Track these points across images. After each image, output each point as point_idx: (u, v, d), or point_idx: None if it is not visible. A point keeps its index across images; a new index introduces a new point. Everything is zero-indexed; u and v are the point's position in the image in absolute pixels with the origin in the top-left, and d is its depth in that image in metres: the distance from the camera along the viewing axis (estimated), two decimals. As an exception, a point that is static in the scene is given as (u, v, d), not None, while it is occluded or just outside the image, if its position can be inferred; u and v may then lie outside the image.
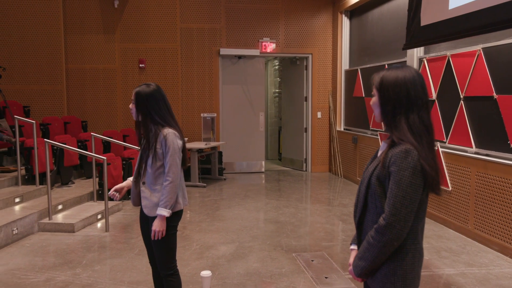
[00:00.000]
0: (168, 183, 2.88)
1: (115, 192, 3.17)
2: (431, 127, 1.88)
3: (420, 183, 1.80)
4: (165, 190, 2.89)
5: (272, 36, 9.92)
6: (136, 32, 9.43)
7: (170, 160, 2.89)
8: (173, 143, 2.90)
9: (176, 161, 2.91)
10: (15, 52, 9.00)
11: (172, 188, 2.89)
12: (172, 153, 2.89)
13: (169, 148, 2.89)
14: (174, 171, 2.89)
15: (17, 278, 4.22)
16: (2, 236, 5.09)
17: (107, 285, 4.06)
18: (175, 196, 2.92)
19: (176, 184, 2.91)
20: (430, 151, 1.84)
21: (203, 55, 9.70)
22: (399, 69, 1.90)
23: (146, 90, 2.99)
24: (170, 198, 2.89)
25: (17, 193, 6.18)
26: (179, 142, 2.94)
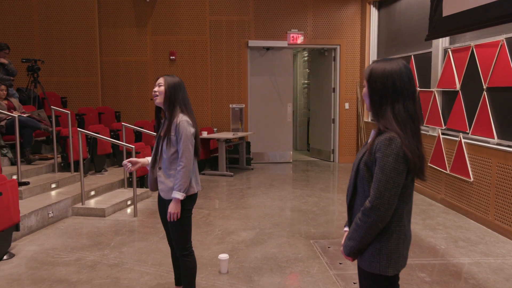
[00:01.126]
0: (181, 167, 3.08)
1: (128, 163, 3.33)
2: (416, 116, 1.99)
3: (403, 169, 1.92)
4: (179, 175, 3.09)
5: (300, 28, 10.00)
6: (167, 25, 9.70)
7: (183, 146, 3.08)
8: (186, 130, 3.08)
9: (189, 147, 3.10)
10: (54, 46, 9.43)
11: (185, 173, 3.08)
12: (185, 139, 3.08)
13: (181, 135, 3.08)
14: (187, 156, 3.08)
15: (51, 257, 4.54)
16: (39, 218, 5.45)
17: (132, 265, 4.33)
18: (189, 180, 3.12)
19: (190, 169, 3.10)
20: (414, 138, 1.95)
21: (232, 47, 9.88)
22: (387, 62, 2.02)
23: (174, 79, 3.19)
24: (184, 182, 3.08)
25: (53, 179, 6.55)
26: (191, 129, 3.12)
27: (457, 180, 6.18)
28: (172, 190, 3.13)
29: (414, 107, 2.00)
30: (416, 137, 1.97)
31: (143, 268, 4.28)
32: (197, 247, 4.81)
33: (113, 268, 4.26)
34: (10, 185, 4.59)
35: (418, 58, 7.54)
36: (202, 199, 6.96)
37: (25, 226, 5.18)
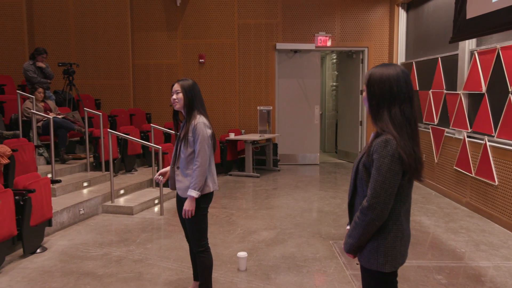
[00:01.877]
0: (196, 167, 3.23)
1: (159, 176, 3.59)
2: (412, 119, 2.07)
3: (398, 170, 2.00)
4: (194, 174, 3.24)
5: (327, 30, 10.05)
6: (196, 28, 9.93)
7: (199, 147, 3.23)
8: (203, 132, 3.24)
9: (205, 148, 3.25)
10: (89, 50, 9.80)
11: (200, 172, 3.23)
12: (201, 140, 3.23)
13: (198, 136, 3.23)
14: (202, 156, 3.23)
15: (80, 252, 4.78)
16: (70, 215, 5.72)
17: (155, 261, 4.51)
18: (204, 179, 3.26)
19: (205, 168, 3.25)
20: (410, 141, 2.03)
21: (260, 50, 10.02)
22: (385, 67, 2.11)
23: (188, 82, 3.36)
24: (199, 181, 3.23)
25: (85, 178, 6.84)
26: (208, 131, 3.28)
27: (482, 184, 6.12)
28: (189, 188, 3.28)
29: (411, 111, 2.07)
30: (412, 139, 2.05)
31: (165, 263, 4.45)
32: (219, 245, 4.96)
33: (137, 263, 4.46)
34: (43, 183, 4.85)
35: (445, 60, 7.48)
36: (227, 199, 7.12)
37: (57, 222, 5.46)
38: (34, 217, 4.64)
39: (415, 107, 2.11)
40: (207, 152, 3.27)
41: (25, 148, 5.92)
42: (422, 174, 2.10)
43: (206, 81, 10.04)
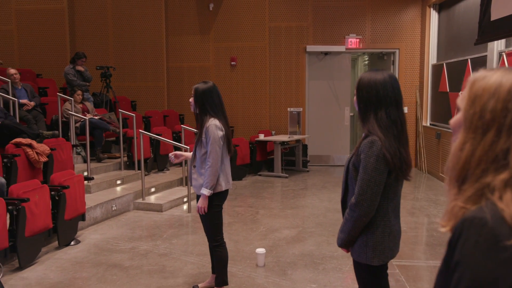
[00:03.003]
0: (208, 167, 3.43)
1: (172, 155, 3.80)
2: (399, 122, 2.20)
3: (383, 169, 2.13)
4: (206, 173, 3.45)
5: (358, 32, 10.09)
6: (228, 32, 10.18)
7: (210, 148, 3.43)
8: (213, 133, 3.44)
9: (216, 149, 3.45)
10: (125, 54, 10.22)
11: (211, 172, 3.43)
12: (212, 142, 3.43)
13: (209, 138, 3.44)
14: (213, 157, 3.43)
15: (110, 245, 5.09)
16: (103, 211, 6.06)
17: (178, 255, 4.75)
18: (215, 178, 3.46)
19: (216, 168, 3.44)
20: (395, 141, 2.16)
21: (290, 52, 10.17)
22: (374, 73, 2.24)
23: (203, 86, 3.58)
24: (210, 180, 3.43)
25: (119, 176, 7.19)
26: (219, 133, 3.47)
27: None
28: (202, 186, 3.49)
29: (397, 114, 2.20)
30: (398, 140, 2.18)
31: (188, 258, 4.69)
32: (240, 242, 5.16)
33: (162, 257, 4.71)
34: (77, 180, 5.19)
35: (474, 61, 7.42)
36: (254, 198, 7.31)
37: (91, 217, 5.79)
38: (68, 212, 4.98)
39: (402, 110, 2.24)
40: (218, 153, 3.46)
41: (63, 147, 6.30)
42: (409, 173, 2.22)
43: (238, 83, 10.27)
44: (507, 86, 1.04)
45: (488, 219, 0.98)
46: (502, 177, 1.01)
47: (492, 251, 0.96)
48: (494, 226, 0.97)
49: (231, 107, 10.30)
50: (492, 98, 1.05)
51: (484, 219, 0.98)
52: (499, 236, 0.96)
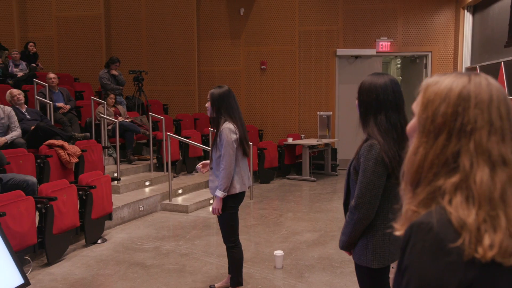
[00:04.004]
0: (221, 169, 3.51)
1: (200, 165, 3.90)
2: (399, 125, 2.20)
3: (382, 172, 2.15)
4: (220, 176, 3.52)
5: (389, 35, 9.97)
6: (259, 36, 10.27)
7: (224, 151, 3.51)
8: (227, 137, 3.51)
9: (229, 152, 3.51)
10: (158, 58, 10.48)
11: (225, 174, 3.50)
12: (226, 145, 3.50)
13: (223, 141, 3.51)
14: (226, 160, 3.50)
15: (135, 244, 5.24)
16: (130, 211, 6.24)
17: (199, 256, 4.85)
18: (229, 181, 3.53)
19: (229, 171, 3.51)
20: (395, 145, 2.17)
21: (320, 56, 10.16)
22: (375, 76, 2.26)
23: (218, 91, 3.67)
24: (224, 182, 3.51)
25: (148, 177, 7.38)
26: (232, 136, 3.53)
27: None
28: (217, 188, 3.57)
29: (397, 118, 2.21)
30: (398, 144, 2.18)
31: (208, 258, 4.78)
32: (261, 244, 5.21)
33: (183, 257, 4.82)
34: (104, 180, 5.37)
35: (507, 64, 7.22)
36: (280, 201, 7.34)
37: (118, 217, 5.98)
38: (95, 211, 5.16)
39: (404, 114, 2.24)
40: (232, 156, 3.53)
41: (93, 149, 6.53)
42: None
43: (267, 87, 10.34)
44: (457, 91, 1.06)
45: (434, 224, 1.00)
46: (452, 181, 1.03)
47: (437, 256, 0.98)
48: (439, 231, 0.99)
49: (260, 111, 10.39)
50: (443, 103, 1.07)
51: (431, 223, 1.00)
52: (444, 241, 0.98)
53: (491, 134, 1.03)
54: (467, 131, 1.03)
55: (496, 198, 0.99)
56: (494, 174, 1.01)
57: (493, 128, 1.03)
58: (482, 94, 1.05)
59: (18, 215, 4.13)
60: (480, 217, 0.98)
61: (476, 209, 0.99)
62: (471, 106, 1.04)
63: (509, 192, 1.01)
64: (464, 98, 1.05)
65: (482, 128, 1.03)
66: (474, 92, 1.05)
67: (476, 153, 1.02)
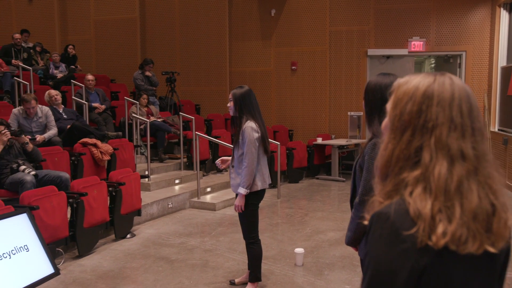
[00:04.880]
0: (244, 167, 3.61)
1: (219, 161, 4.02)
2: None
3: (384, 170, 2.19)
4: (243, 173, 3.63)
5: (422, 35, 9.84)
6: (289, 36, 10.33)
7: (246, 149, 3.61)
8: (250, 135, 3.61)
9: (252, 150, 3.61)
10: (191, 59, 10.71)
11: (248, 172, 3.60)
12: (248, 143, 3.61)
13: (245, 139, 3.61)
14: (249, 157, 3.60)
15: (161, 239, 5.42)
16: (160, 208, 6.43)
17: (222, 252, 4.97)
18: (251, 178, 3.63)
19: (252, 168, 3.61)
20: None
21: (351, 56, 10.13)
22: (381, 76, 2.31)
23: (240, 91, 3.78)
24: (246, 180, 3.61)
25: (178, 175, 7.58)
26: (255, 135, 3.64)
27: None
28: (239, 186, 3.68)
29: (402, 117, 2.25)
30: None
31: (231, 255, 4.89)
32: (284, 242, 5.29)
33: (207, 253, 4.95)
34: (133, 177, 5.58)
35: (542, 64, 7.02)
36: (307, 201, 7.39)
37: (147, 213, 6.18)
38: (124, 207, 5.37)
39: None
40: (254, 154, 3.64)
41: (125, 147, 6.78)
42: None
43: (298, 87, 10.39)
44: (422, 90, 1.13)
45: (391, 213, 1.07)
46: (414, 174, 1.09)
47: (392, 243, 1.05)
48: (396, 220, 1.06)
49: (290, 111, 10.45)
50: (409, 101, 1.14)
51: (389, 213, 1.07)
52: (399, 229, 1.05)
53: (451, 131, 1.09)
54: (429, 128, 1.10)
55: (452, 190, 1.05)
56: (452, 168, 1.07)
57: (453, 125, 1.09)
58: (444, 93, 1.11)
59: (51, 209, 4.36)
60: (435, 208, 1.05)
61: (432, 200, 1.05)
62: (433, 104, 1.11)
63: (466, 184, 1.07)
64: (428, 97, 1.12)
65: (443, 124, 1.09)
66: (437, 91, 1.12)
67: (436, 148, 1.08)
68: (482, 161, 1.10)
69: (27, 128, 6.11)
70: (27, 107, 6.08)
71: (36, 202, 4.21)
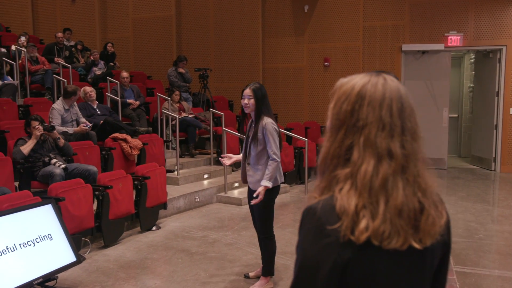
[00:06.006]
0: (271, 160, 3.68)
1: (224, 158, 4.11)
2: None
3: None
4: (270, 167, 3.69)
5: (459, 29, 9.56)
6: (322, 32, 10.28)
7: (272, 144, 3.68)
8: (271, 131, 3.68)
9: (277, 145, 3.69)
10: (225, 56, 10.85)
11: (275, 165, 3.69)
12: (273, 138, 3.67)
13: (267, 135, 3.68)
14: (275, 152, 3.68)
15: (185, 232, 5.57)
16: (186, 201, 6.60)
17: (242, 246, 5.07)
18: (276, 172, 3.71)
19: (278, 162, 3.69)
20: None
21: (385, 51, 9.97)
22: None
23: (260, 88, 3.85)
24: (273, 173, 3.69)
25: (207, 170, 7.73)
26: (276, 129, 3.72)
27: None
28: (259, 182, 3.74)
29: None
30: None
31: (250, 249, 4.98)
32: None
33: (227, 246, 5.06)
34: (159, 172, 5.75)
35: None
36: (334, 197, 7.37)
37: (174, 207, 6.35)
38: (149, 200, 5.55)
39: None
40: (278, 148, 3.72)
41: (155, 142, 6.98)
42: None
43: (331, 84, 10.27)
44: (357, 90, 1.16)
45: (318, 209, 1.11)
46: (345, 171, 1.13)
47: (317, 237, 1.10)
48: (322, 215, 1.10)
49: (323, 107, 10.40)
50: (345, 101, 1.17)
51: (316, 208, 1.12)
52: (324, 224, 1.09)
53: (379, 130, 1.12)
54: (359, 127, 1.14)
55: (376, 187, 1.09)
56: (379, 166, 1.10)
57: (382, 124, 1.12)
58: (376, 93, 1.15)
59: (77, 200, 4.58)
60: (360, 204, 1.08)
61: (357, 196, 1.09)
62: (365, 104, 1.14)
63: (392, 182, 1.10)
64: (361, 97, 1.16)
65: (372, 124, 1.13)
66: (369, 91, 1.15)
67: (364, 146, 1.12)
68: (412, 160, 1.13)
69: (68, 120, 6.44)
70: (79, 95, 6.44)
71: (63, 194, 4.43)
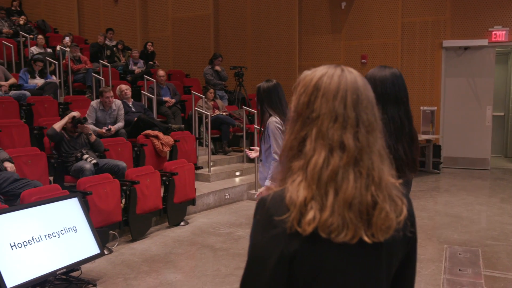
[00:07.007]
0: (274, 161, 3.65)
1: (251, 150, 4.14)
2: (397, 118, 2.19)
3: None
4: (272, 167, 3.67)
5: (504, 24, 9.15)
6: (360, 29, 10.10)
7: (275, 143, 3.65)
8: (273, 130, 3.64)
9: (279, 144, 3.65)
10: (261, 54, 10.86)
11: (275, 165, 3.64)
12: (276, 137, 3.64)
13: (270, 134, 3.65)
14: (276, 151, 3.64)
15: (212, 228, 5.62)
16: (216, 198, 6.66)
17: (266, 243, 5.06)
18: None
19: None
20: (391, 138, 2.16)
21: (425, 48, 9.68)
22: (378, 69, 2.27)
23: (264, 85, 3.83)
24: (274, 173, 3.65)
25: (240, 168, 7.77)
26: (280, 128, 3.66)
27: None
28: (266, 179, 3.73)
29: (396, 110, 2.19)
30: (395, 137, 2.16)
31: (273, 246, 4.96)
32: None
33: (251, 243, 5.06)
34: (187, 168, 5.83)
35: None
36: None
37: (203, 203, 6.42)
38: (177, 196, 5.64)
39: (405, 107, 2.21)
40: (281, 147, 3.68)
41: (187, 139, 7.08)
42: (409, 171, 2.19)
43: (368, 81, 10.13)
44: (314, 81, 1.14)
45: (268, 200, 1.10)
46: (300, 163, 1.11)
47: (265, 228, 1.09)
48: (271, 207, 1.09)
49: (360, 105, 10.21)
50: (303, 93, 1.15)
51: (266, 200, 1.11)
52: (273, 215, 1.08)
53: (332, 121, 1.09)
54: (313, 118, 1.11)
55: (324, 179, 1.06)
56: (330, 157, 1.08)
57: (335, 116, 1.09)
58: (331, 85, 1.12)
59: (104, 194, 4.71)
60: (309, 195, 1.06)
61: (306, 188, 1.07)
62: (319, 95, 1.12)
63: (342, 174, 1.07)
64: (317, 88, 1.13)
65: (325, 115, 1.10)
66: (325, 83, 1.13)
67: (316, 138, 1.10)
68: (366, 153, 1.09)
69: (102, 120, 6.62)
70: (106, 96, 6.53)
71: (91, 188, 4.57)
